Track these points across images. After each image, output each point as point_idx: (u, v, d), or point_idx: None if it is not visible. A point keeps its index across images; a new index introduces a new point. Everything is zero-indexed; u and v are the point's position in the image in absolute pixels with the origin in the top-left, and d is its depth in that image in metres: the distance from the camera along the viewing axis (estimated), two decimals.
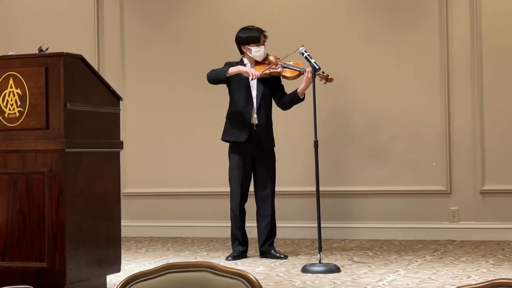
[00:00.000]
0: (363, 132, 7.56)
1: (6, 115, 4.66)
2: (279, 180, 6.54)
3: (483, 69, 7.26)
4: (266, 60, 6.37)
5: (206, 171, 7.96)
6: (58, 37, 8.23)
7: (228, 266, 2.09)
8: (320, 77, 6.15)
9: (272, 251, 6.35)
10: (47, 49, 4.81)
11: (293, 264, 6.00)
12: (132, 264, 6.13)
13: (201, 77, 7.73)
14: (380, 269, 5.68)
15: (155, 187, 8.18)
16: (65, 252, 4.50)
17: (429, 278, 5.25)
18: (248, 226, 6.45)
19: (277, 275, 5.53)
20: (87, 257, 4.72)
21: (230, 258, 6.31)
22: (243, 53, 6.42)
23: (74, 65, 4.69)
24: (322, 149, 6.39)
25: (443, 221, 7.34)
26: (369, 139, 7.55)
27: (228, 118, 6.41)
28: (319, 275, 5.45)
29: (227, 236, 6.98)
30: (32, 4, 8.68)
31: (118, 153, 5.10)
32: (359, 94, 7.59)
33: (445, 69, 7.36)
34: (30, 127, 4.60)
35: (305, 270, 5.60)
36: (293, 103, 6.39)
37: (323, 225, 6.03)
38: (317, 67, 5.99)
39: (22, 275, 4.56)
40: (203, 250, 6.97)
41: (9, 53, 4.90)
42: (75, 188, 4.63)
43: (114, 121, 5.06)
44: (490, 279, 1.92)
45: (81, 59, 4.76)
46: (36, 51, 4.80)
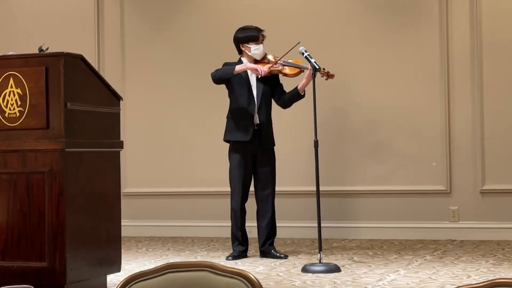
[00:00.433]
0: (363, 132, 7.56)
1: (6, 114, 4.66)
2: (279, 180, 6.54)
3: (483, 69, 7.26)
4: (264, 59, 6.38)
5: (206, 171, 7.96)
6: (58, 37, 8.24)
7: (228, 266, 2.09)
8: (321, 73, 6.16)
9: (272, 250, 6.35)
10: (47, 49, 4.81)
11: (293, 263, 6.00)
12: (132, 264, 6.13)
13: (201, 77, 7.75)
14: (380, 268, 5.68)
15: (155, 187, 8.18)
16: (65, 252, 4.51)
17: (429, 277, 5.25)
18: (248, 226, 6.45)
19: (277, 274, 5.53)
20: (88, 256, 4.72)
21: (230, 257, 6.31)
22: (242, 53, 6.43)
23: (74, 65, 4.70)
24: (322, 149, 6.39)
25: (443, 220, 7.34)
26: (369, 138, 7.55)
27: (229, 118, 6.41)
28: (319, 274, 5.45)
29: (227, 236, 6.98)
30: (32, 4, 8.68)
31: (118, 153, 5.10)
32: (359, 94, 7.59)
33: (445, 69, 7.36)
34: (30, 127, 4.61)
35: (305, 269, 5.60)
36: (293, 100, 6.40)
37: (323, 224, 6.03)
38: (317, 67, 5.99)
39: (22, 275, 4.56)
40: (203, 249, 6.97)
41: (9, 53, 4.90)
42: (75, 188, 4.63)
43: (114, 121, 5.06)
44: (490, 279, 1.92)
45: (81, 59, 4.76)
46: (36, 51, 4.80)
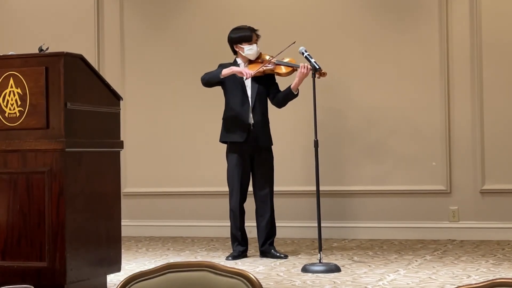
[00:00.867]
0: (363, 132, 7.56)
1: (6, 114, 4.66)
2: (278, 179, 6.54)
3: (483, 69, 7.26)
4: (259, 58, 6.37)
5: (206, 170, 7.96)
6: (58, 37, 8.24)
7: (228, 266, 2.09)
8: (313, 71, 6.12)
9: (272, 250, 6.35)
10: (47, 48, 4.81)
11: (293, 263, 6.00)
12: (132, 264, 6.13)
13: (201, 76, 7.74)
14: (380, 268, 5.68)
15: (155, 186, 8.18)
16: (65, 252, 4.51)
17: (429, 277, 5.26)
18: (248, 225, 6.45)
19: (277, 274, 5.53)
20: (88, 256, 4.72)
21: (230, 257, 6.31)
22: (236, 53, 6.43)
23: (74, 65, 4.70)
24: (322, 148, 6.39)
25: (443, 220, 7.34)
26: (369, 138, 7.55)
27: (224, 119, 6.41)
28: (319, 274, 5.45)
29: (227, 235, 6.98)
30: (32, 4, 8.68)
31: (118, 152, 5.10)
32: (359, 94, 7.59)
33: (445, 69, 7.36)
34: (30, 127, 4.61)
35: (305, 269, 5.60)
36: (287, 99, 6.38)
37: (323, 224, 6.03)
38: (317, 67, 5.99)
39: (22, 275, 4.56)
40: (203, 249, 6.97)
41: (9, 53, 4.90)
42: (75, 188, 4.63)
43: (114, 120, 5.06)
44: (490, 279, 1.92)
45: (81, 58, 4.76)
46: (36, 51, 4.80)
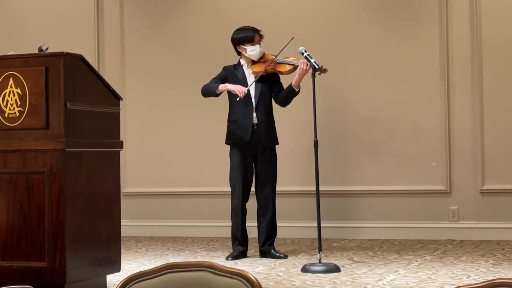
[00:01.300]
0: (363, 132, 7.56)
1: (6, 114, 4.66)
2: (279, 179, 6.53)
3: (483, 69, 7.26)
4: (262, 58, 6.38)
5: (206, 170, 7.96)
6: (58, 37, 8.24)
7: (228, 266, 2.09)
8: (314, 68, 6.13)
9: (272, 250, 6.35)
10: (47, 49, 4.81)
11: (293, 263, 6.00)
12: (132, 264, 6.13)
13: (201, 76, 7.73)
14: (380, 268, 5.68)
15: (155, 186, 8.18)
16: (65, 252, 4.51)
17: (429, 277, 5.26)
18: (248, 225, 6.45)
19: (277, 274, 5.53)
20: (87, 256, 4.72)
21: (230, 258, 6.30)
22: (240, 54, 6.44)
23: (74, 65, 4.70)
24: (322, 148, 6.39)
25: (443, 220, 7.34)
26: (369, 138, 7.55)
27: (229, 121, 6.42)
28: (319, 274, 5.45)
29: (227, 235, 6.98)
30: (32, 4, 8.68)
31: (118, 152, 5.10)
32: (359, 94, 7.59)
33: (445, 69, 7.36)
34: (30, 127, 4.61)
35: (305, 269, 5.60)
36: (289, 97, 6.39)
37: (323, 224, 6.03)
38: (317, 67, 5.99)
39: (22, 275, 4.56)
40: (203, 249, 6.97)
41: (9, 53, 4.90)
42: (75, 188, 4.63)
43: (114, 120, 5.06)
44: (490, 279, 1.92)
45: (81, 59, 4.76)
46: (36, 51, 4.80)
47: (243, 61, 6.42)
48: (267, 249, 6.36)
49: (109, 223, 4.94)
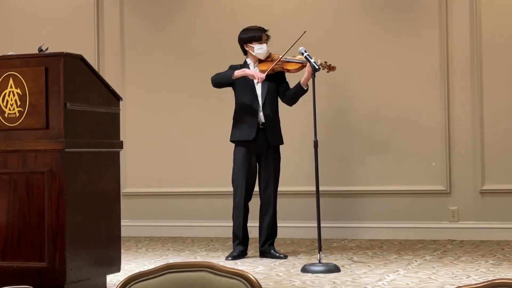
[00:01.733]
0: (363, 132, 7.56)
1: (6, 115, 4.66)
2: (279, 179, 6.53)
3: (483, 69, 7.26)
4: (269, 58, 6.39)
5: (206, 170, 7.96)
6: (58, 37, 8.24)
7: (228, 266, 2.09)
8: (322, 66, 6.18)
9: (272, 251, 6.35)
10: (47, 49, 4.81)
11: (293, 264, 6.00)
12: (132, 264, 6.13)
13: (201, 77, 7.75)
14: (379, 269, 5.68)
15: (155, 187, 8.18)
16: (65, 252, 4.51)
17: (428, 278, 5.26)
18: (248, 226, 6.44)
19: (277, 275, 5.53)
20: (87, 256, 4.72)
21: (230, 258, 6.30)
22: (246, 53, 6.44)
23: (74, 65, 4.70)
24: (322, 148, 6.39)
25: (443, 220, 7.34)
26: (369, 139, 7.55)
27: (235, 118, 6.42)
28: (319, 274, 5.45)
29: (227, 236, 6.98)
30: (32, 4, 8.68)
31: (118, 153, 5.10)
32: (359, 94, 7.59)
33: (445, 69, 7.36)
34: (30, 127, 4.61)
35: (305, 270, 5.60)
36: (297, 95, 6.40)
37: (322, 225, 6.03)
38: (316, 67, 6.00)
39: (22, 275, 4.56)
40: (203, 250, 6.97)
41: (9, 53, 4.90)
42: (75, 188, 4.63)
43: (114, 121, 5.06)
44: (490, 279, 1.92)
45: (81, 59, 4.76)
46: (36, 51, 4.80)
47: (249, 61, 6.42)
48: (267, 249, 6.36)
49: (109, 223, 4.94)
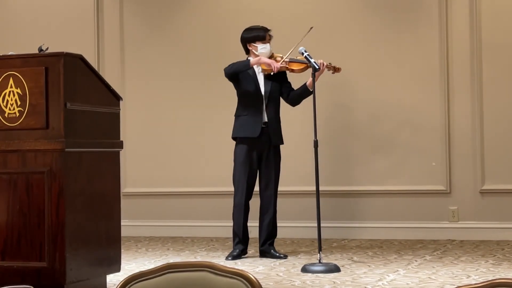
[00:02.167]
0: (364, 132, 7.56)
1: (6, 114, 4.66)
2: (279, 179, 6.53)
3: (483, 69, 7.26)
4: (271, 58, 6.40)
5: (206, 170, 7.96)
6: (58, 37, 8.24)
7: (228, 266, 2.09)
8: (328, 68, 6.21)
9: (272, 250, 6.35)
10: (47, 49, 4.81)
11: (293, 263, 6.00)
12: (132, 264, 6.13)
13: (201, 76, 7.75)
14: (379, 268, 5.68)
15: (155, 186, 8.18)
16: (65, 252, 4.51)
17: (428, 277, 5.26)
18: (249, 225, 6.44)
19: (277, 274, 5.53)
20: (87, 256, 4.72)
21: (230, 257, 6.30)
22: (249, 52, 6.44)
23: (74, 65, 4.70)
24: (322, 148, 6.39)
25: (443, 220, 7.34)
26: (369, 138, 7.55)
27: (237, 115, 6.41)
28: (319, 274, 5.45)
29: (227, 235, 6.98)
30: (32, 4, 8.68)
31: (118, 152, 5.10)
32: (359, 94, 7.58)
33: (445, 69, 7.36)
34: (30, 127, 4.60)
35: (305, 269, 5.60)
36: (302, 97, 6.42)
37: (322, 224, 6.03)
38: (316, 67, 6.00)
39: (22, 275, 4.56)
40: (203, 249, 6.97)
41: (9, 53, 4.90)
42: (75, 188, 4.63)
43: (114, 121, 5.06)
44: (490, 279, 1.92)
45: (81, 59, 4.76)
46: (36, 51, 4.80)
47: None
48: (267, 249, 6.36)
49: (109, 223, 4.94)
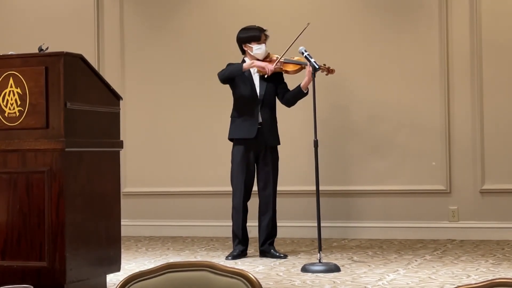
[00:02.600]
0: (364, 132, 7.56)
1: (6, 114, 4.66)
2: (279, 179, 6.53)
3: (483, 68, 7.26)
4: (267, 58, 6.39)
5: (206, 170, 7.96)
6: (58, 37, 8.23)
7: (228, 266, 2.09)
8: (321, 69, 6.19)
9: (272, 250, 6.35)
10: (47, 48, 4.81)
11: (293, 263, 6.00)
12: (132, 264, 6.13)
13: (201, 76, 7.76)
14: (380, 268, 5.68)
15: (155, 186, 8.18)
16: (65, 252, 4.51)
17: (429, 277, 5.26)
18: (248, 225, 6.45)
19: (277, 274, 5.53)
20: (87, 256, 4.72)
21: (230, 257, 6.30)
22: (245, 53, 6.43)
23: (74, 65, 4.69)
24: (322, 148, 6.39)
25: (443, 220, 7.34)
26: (369, 138, 7.55)
27: (233, 116, 6.41)
28: (319, 274, 5.46)
29: (227, 235, 6.98)
30: (32, 4, 8.68)
31: (118, 152, 5.10)
32: (359, 94, 7.58)
33: (445, 69, 7.36)
34: (30, 127, 4.60)
35: (305, 269, 5.60)
36: (297, 98, 6.41)
37: (322, 224, 6.04)
38: (317, 67, 6.00)
39: (22, 275, 4.56)
40: (203, 249, 6.97)
41: (9, 53, 4.90)
42: (75, 188, 4.63)
43: (114, 120, 5.06)
44: (490, 279, 1.92)
45: (81, 58, 4.76)
46: (36, 51, 4.80)
47: (248, 60, 6.42)
48: (267, 248, 6.36)
49: (109, 223, 4.94)
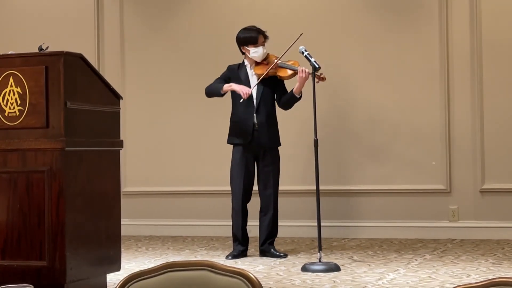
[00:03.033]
0: (364, 131, 7.56)
1: (6, 114, 4.66)
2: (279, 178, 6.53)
3: (483, 68, 7.26)
4: (266, 60, 6.35)
5: (206, 170, 7.96)
6: (58, 36, 8.23)
7: (228, 265, 2.09)
8: (316, 76, 6.10)
9: (272, 250, 6.35)
10: (47, 48, 4.81)
11: (293, 263, 6.01)
12: (132, 263, 6.13)
13: (200, 76, 7.75)
14: (380, 268, 5.68)
15: (155, 186, 8.18)
16: (65, 251, 4.51)
17: (429, 277, 5.26)
18: (248, 225, 6.44)
19: (277, 274, 5.53)
20: (87, 256, 4.72)
21: (230, 257, 6.31)
22: (244, 54, 6.42)
23: (74, 64, 4.70)
24: (322, 148, 6.39)
25: (443, 220, 7.34)
26: (369, 138, 7.55)
27: (231, 121, 6.43)
28: (319, 273, 5.46)
29: (227, 235, 6.98)
30: (32, 4, 8.68)
31: (118, 152, 5.10)
32: (359, 94, 7.59)
33: (445, 69, 7.36)
34: (30, 126, 4.61)
35: (305, 269, 5.61)
36: (290, 102, 6.40)
37: (323, 223, 6.04)
38: (317, 66, 5.98)
39: (22, 274, 4.56)
40: (203, 249, 6.97)
41: (9, 52, 4.90)
42: (75, 187, 4.63)
43: (114, 120, 5.06)
44: (490, 278, 1.92)
45: (81, 58, 4.76)
46: (36, 50, 4.80)
47: (246, 62, 6.41)
48: (266, 248, 6.36)
49: (109, 223, 4.94)
